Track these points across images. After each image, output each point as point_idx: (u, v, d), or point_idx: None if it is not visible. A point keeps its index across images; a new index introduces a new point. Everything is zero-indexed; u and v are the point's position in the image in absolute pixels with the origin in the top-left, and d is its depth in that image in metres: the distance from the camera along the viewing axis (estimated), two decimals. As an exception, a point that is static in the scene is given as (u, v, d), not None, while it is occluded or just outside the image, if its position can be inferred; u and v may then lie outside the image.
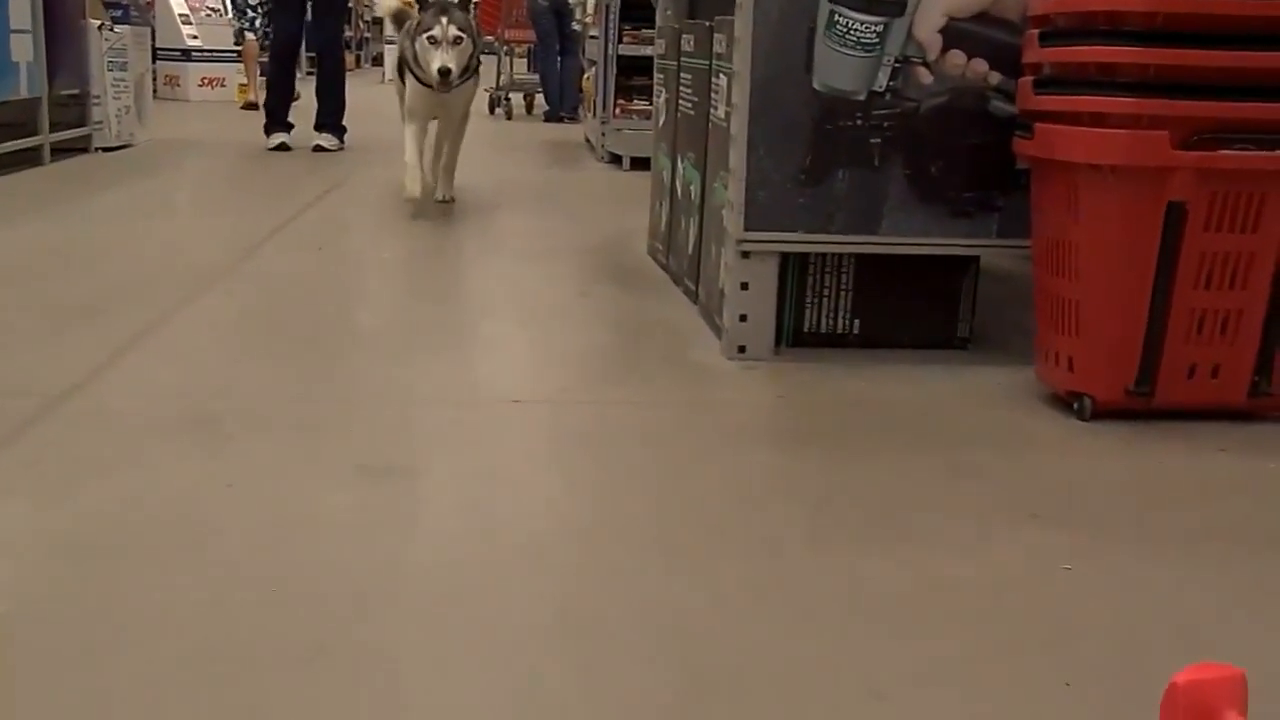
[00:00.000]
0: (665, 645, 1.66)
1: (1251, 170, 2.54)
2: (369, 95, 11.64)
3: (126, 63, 7.59)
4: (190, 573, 1.81)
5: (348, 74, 8.05)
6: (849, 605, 1.80)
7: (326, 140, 7.59)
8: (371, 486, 2.18)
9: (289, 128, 7.67)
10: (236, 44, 11.99)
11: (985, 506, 2.20)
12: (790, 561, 1.94)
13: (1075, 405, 2.71)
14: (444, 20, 4.82)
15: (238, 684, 1.51)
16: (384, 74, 17.62)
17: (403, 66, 5.22)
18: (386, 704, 1.49)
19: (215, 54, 12.75)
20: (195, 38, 12.77)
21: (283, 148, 7.56)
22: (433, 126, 5.39)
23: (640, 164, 6.23)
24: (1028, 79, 2.81)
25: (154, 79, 10.02)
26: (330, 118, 7.63)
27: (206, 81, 12.79)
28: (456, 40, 4.82)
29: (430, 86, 4.90)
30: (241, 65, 12.03)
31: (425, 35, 4.83)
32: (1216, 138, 2.53)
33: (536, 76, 12.32)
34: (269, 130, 7.63)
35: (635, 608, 1.77)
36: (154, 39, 10.16)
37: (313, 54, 9.12)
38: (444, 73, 4.78)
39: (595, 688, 1.55)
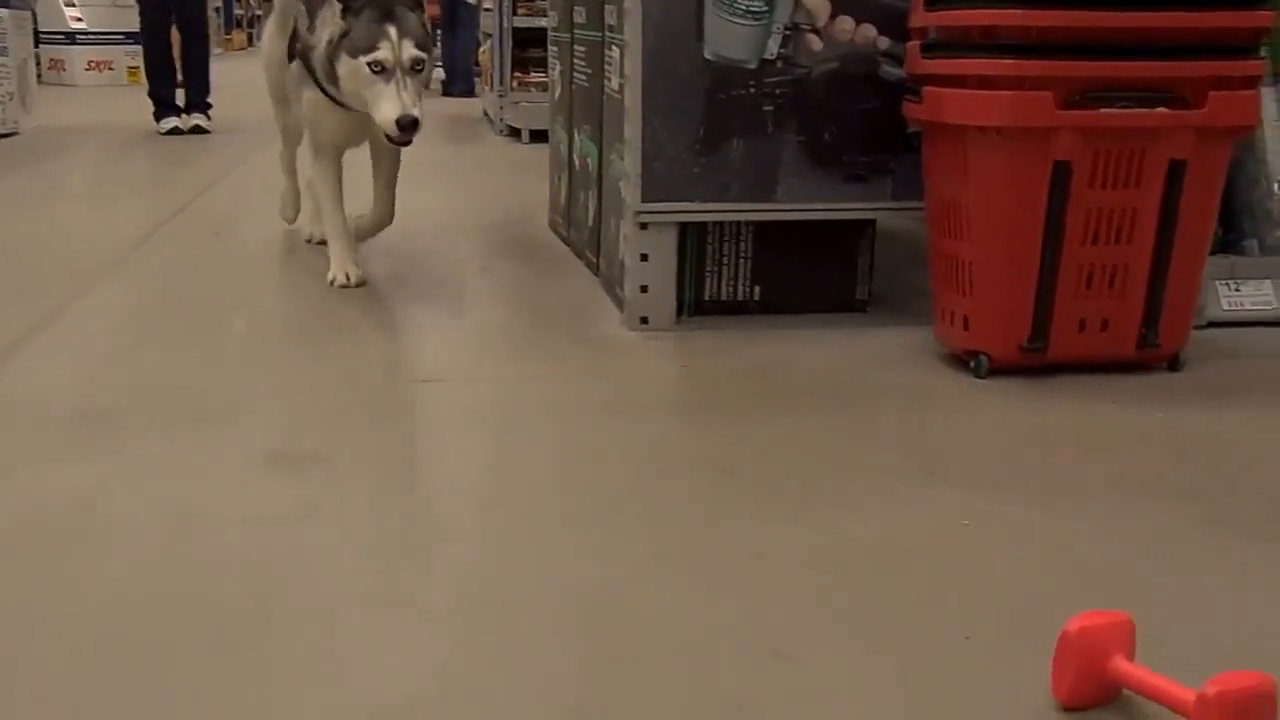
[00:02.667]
0: (572, 616, 1.68)
1: (1132, 128, 2.60)
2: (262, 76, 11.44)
3: (7, 48, 7.42)
4: (97, 571, 1.79)
5: (240, 54, 7.94)
6: (754, 570, 1.83)
7: (204, 121, 7.52)
8: (282, 474, 2.17)
9: (179, 111, 7.56)
10: None
11: (887, 467, 2.24)
12: (695, 529, 1.97)
13: (972, 363, 2.76)
14: (393, 31, 3.12)
15: (147, 682, 1.50)
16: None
17: (304, 63, 3.45)
18: (298, 694, 1.49)
19: (102, 36, 12.49)
20: (80, 20, 12.50)
21: (175, 132, 7.44)
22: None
23: (539, 137, 6.21)
24: (915, 43, 2.85)
25: (38, 64, 9.79)
26: (200, 96, 7.58)
27: (94, 65, 12.53)
28: (416, 66, 3.14)
29: (332, 99, 3.37)
30: (135, 48, 11.79)
31: (367, 59, 3.12)
32: (1098, 97, 2.58)
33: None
34: (159, 116, 7.51)
35: (543, 580, 1.79)
36: (36, 23, 9.92)
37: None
38: (407, 125, 3.11)
39: (505, 660, 1.56)
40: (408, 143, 3.20)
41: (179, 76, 7.57)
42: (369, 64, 3.12)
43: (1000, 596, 1.76)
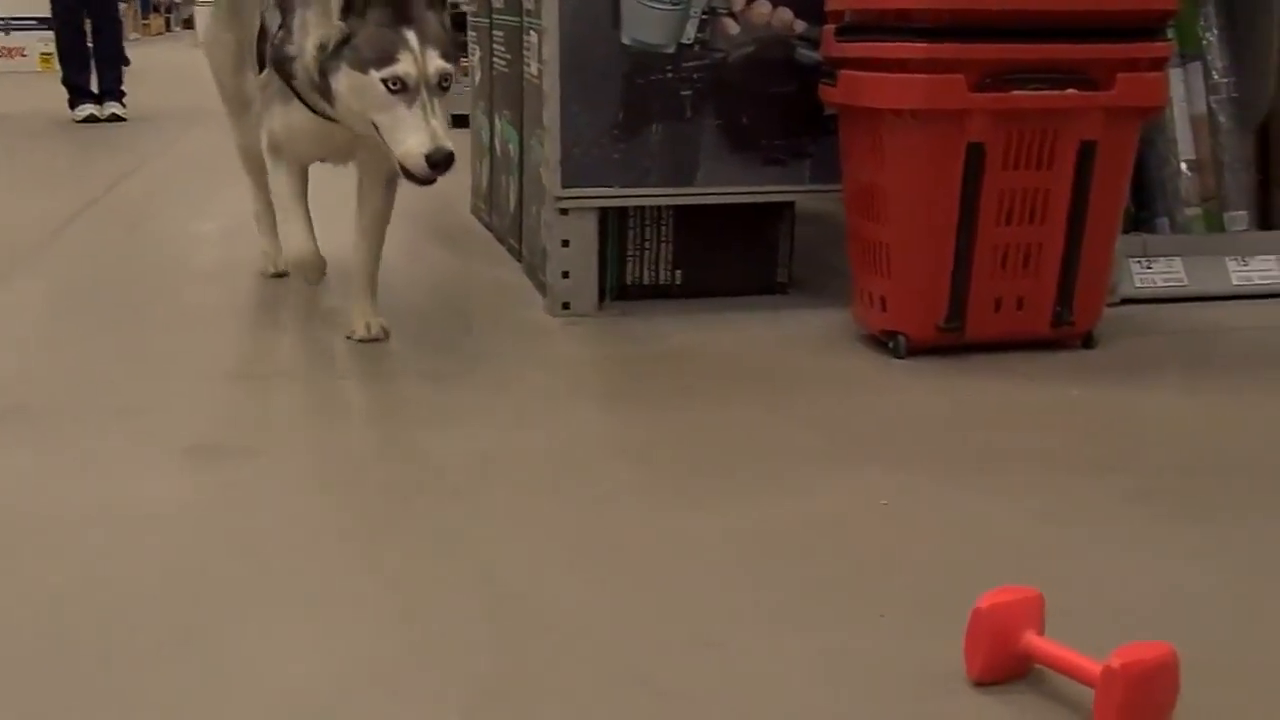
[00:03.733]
0: (492, 605, 1.69)
1: (1043, 109, 2.64)
2: (181, 62, 11.32)
3: (-84, 36, 7.28)
4: (12, 570, 1.78)
5: (158, 39, 7.86)
6: (674, 555, 1.84)
7: (119, 108, 7.44)
8: (203, 468, 2.16)
9: (95, 98, 7.45)
10: None
11: (806, 448, 2.26)
12: (618, 516, 1.98)
13: (890, 344, 2.79)
14: (413, 38, 2.43)
15: (67, 681, 1.49)
16: (197, 37, 17.16)
17: (280, 71, 2.70)
18: (221, 689, 1.48)
19: (14, 22, 12.25)
20: (-11, 6, 12.27)
21: (91, 119, 7.34)
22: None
23: (461, 122, 6.17)
24: (831, 27, 2.87)
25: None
26: (114, 84, 7.50)
27: (6, 52, 12.30)
28: (444, 82, 2.46)
29: (320, 114, 2.66)
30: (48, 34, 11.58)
31: (382, 75, 2.42)
32: (1010, 79, 2.62)
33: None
34: (74, 103, 7.41)
35: (459, 570, 1.79)
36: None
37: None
38: (440, 162, 2.41)
39: (425, 648, 1.57)
40: (433, 181, 2.45)
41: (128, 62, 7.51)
42: (385, 81, 2.40)
43: (916, 574, 1.78)
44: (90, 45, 7.45)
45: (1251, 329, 3.11)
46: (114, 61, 7.52)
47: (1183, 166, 3.42)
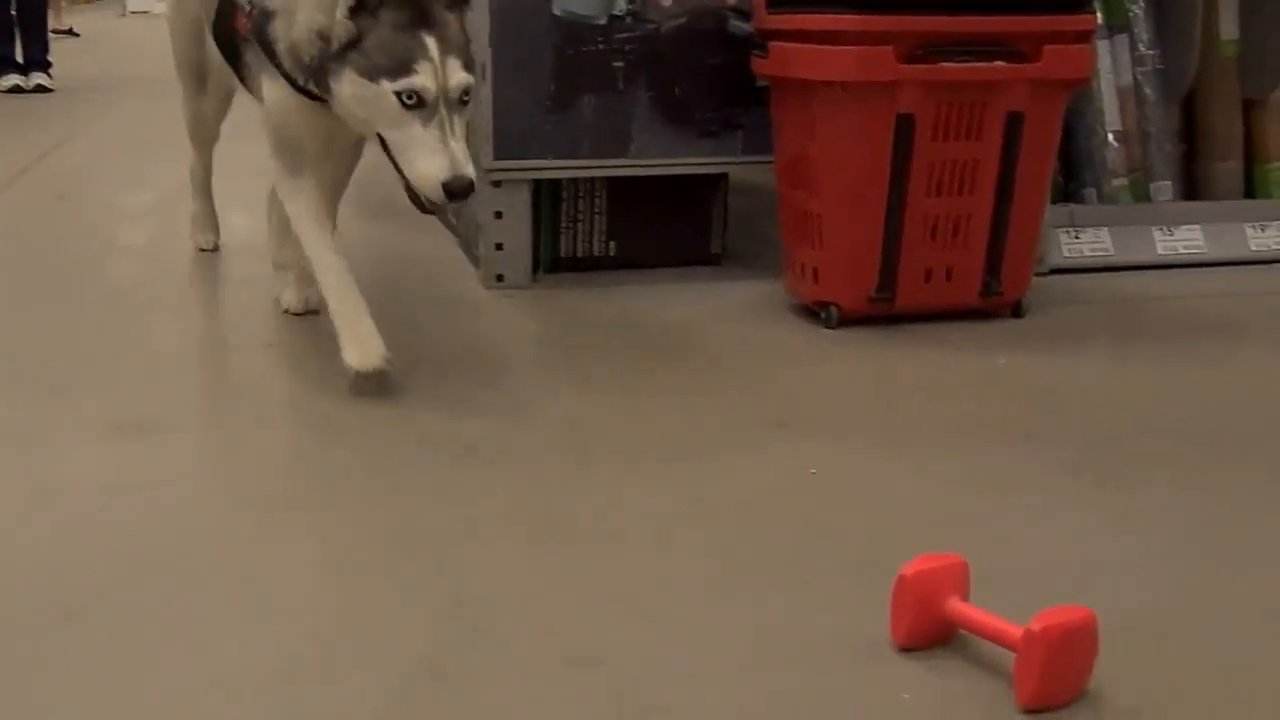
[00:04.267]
0: (424, 576, 1.69)
1: (972, 81, 2.66)
2: (112, 30, 11.15)
3: None
4: (-68, 546, 1.76)
5: (84, 8, 7.73)
6: (608, 529, 1.85)
7: (45, 79, 7.33)
8: (126, 443, 2.14)
9: (20, 68, 7.33)
10: None
11: (738, 418, 2.28)
12: (548, 488, 1.99)
13: (822, 315, 2.81)
14: (433, 45, 2.16)
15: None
16: (125, 6, 16.89)
17: (260, 38, 2.37)
18: (138, 667, 1.48)
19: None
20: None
21: (16, 90, 7.22)
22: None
23: (395, 93, 6.13)
24: (762, -1, 2.88)
25: None
26: (40, 54, 7.39)
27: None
28: (464, 97, 2.19)
29: (315, 97, 2.33)
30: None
31: (395, 87, 2.13)
32: (938, 51, 2.64)
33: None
34: (-1, 73, 7.29)
35: (395, 540, 1.79)
36: None
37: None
38: (459, 192, 2.15)
39: (360, 620, 1.57)
40: (439, 211, 2.38)
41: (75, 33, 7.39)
42: (400, 95, 2.13)
43: (844, 543, 1.80)
44: (14, 14, 7.32)
45: (1176, 298, 3.16)
46: (40, 31, 7.40)
47: (1110, 138, 3.47)
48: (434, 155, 2.12)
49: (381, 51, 2.15)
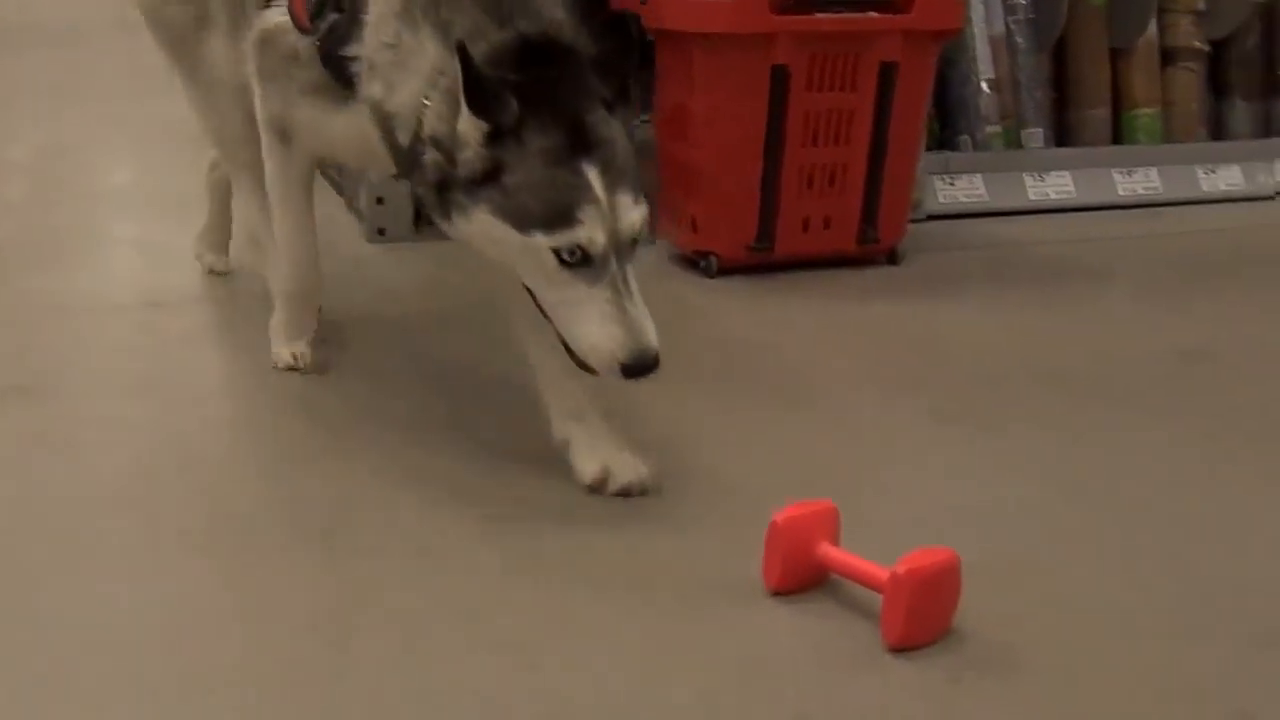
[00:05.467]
0: (310, 542, 1.69)
1: (845, 31, 2.70)
2: None
3: None
4: None
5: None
6: (483, 479, 1.86)
7: None
8: (8, 406, 2.10)
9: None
10: None
11: (618, 370, 2.29)
12: (433, 441, 1.99)
13: (702, 264, 2.84)
14: (595, 179, 1.63)
15: None
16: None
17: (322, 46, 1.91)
18: (33, 622, 1.47)
19: None
20: None
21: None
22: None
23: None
24: (638, -50, 2.88)
25: None
26: None
27: None
28: (639, 238, 1.69)
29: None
30: None
31: (554, 243, 1.62)
32: (812, 2, 2.67)
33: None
34: None
35: (281, 504, 1.79)
36: None
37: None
38: (642, 370, 1.66)
39: (245, 589, 1.58)
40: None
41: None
42: (559, 253, 1.64)
43: (720, 491, 1.83)
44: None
45: (1048, 243, 3.24)
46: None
47: (983, 86, 3.53)
48: (605, 324, 1.64)
49: (532, 194, 1.63)
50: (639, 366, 1.64)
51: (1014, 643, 1.46)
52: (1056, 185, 3.51)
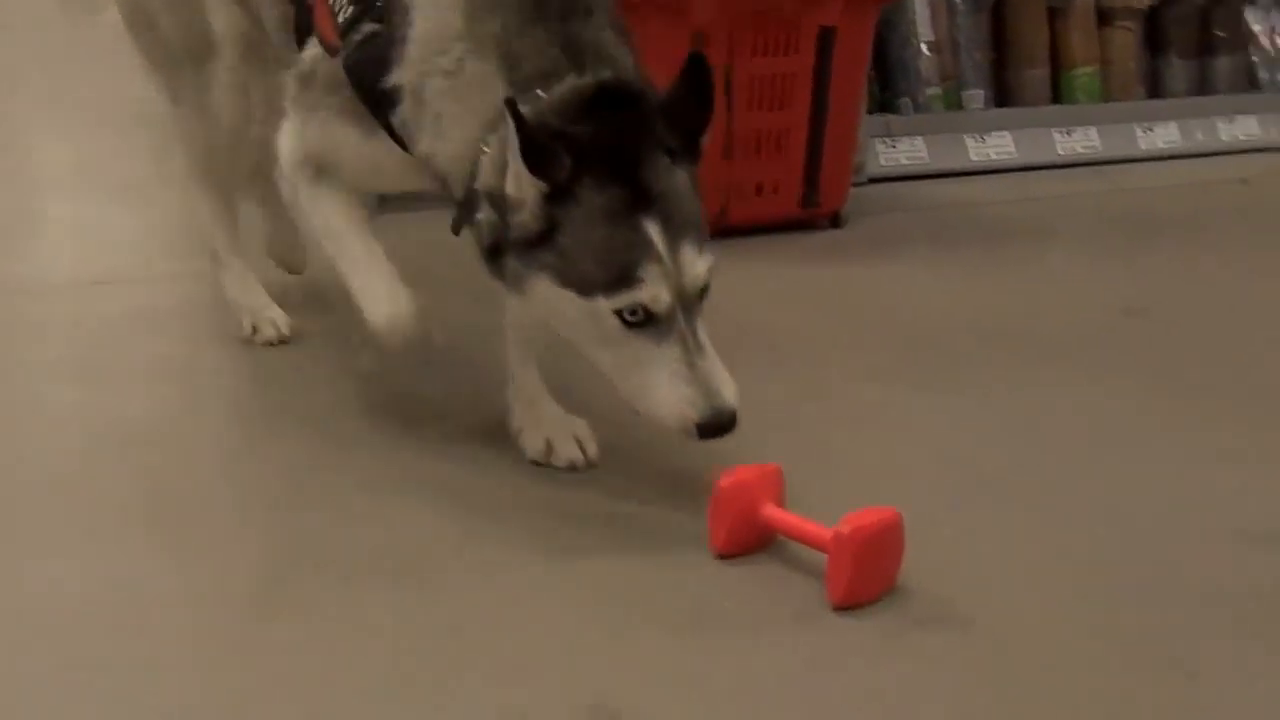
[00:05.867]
0: (255, 520, 1.69)
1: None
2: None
3: None
4: None
5: None
6: (404, 431, 1.88)
7: None
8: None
9: None
10: None
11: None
12: (376, 416, 1.99)
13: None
14: (656, 234, 1.53)
15: None
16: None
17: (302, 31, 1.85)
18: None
19: None
20: None
21: None
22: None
23: None
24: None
25: None
26: None
27: None
28: (706, 291, 1.61)
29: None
30: None
31: (615, 304, 1.54)
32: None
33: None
34: None
35: (224, 486, 1.79)
36: None
37: None
38: (718, 430, 1.56)
39: (191, 568, 1.57)
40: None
41: None
42: (622, 314, 1.55)
43: (666, 455, 1.82)
44: None
45: (989, 203, 3.27)
46: None
47: (923, 48, 3.54)
48: (676, 384, 1.56)
49: (589, 255, 1.54)
50: (714, 427, 1.55)
51: (956, 598, 1.48)
52: (997, 146, 3.54)
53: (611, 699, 1.30)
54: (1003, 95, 3.71)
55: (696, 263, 1.56)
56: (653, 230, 1.53)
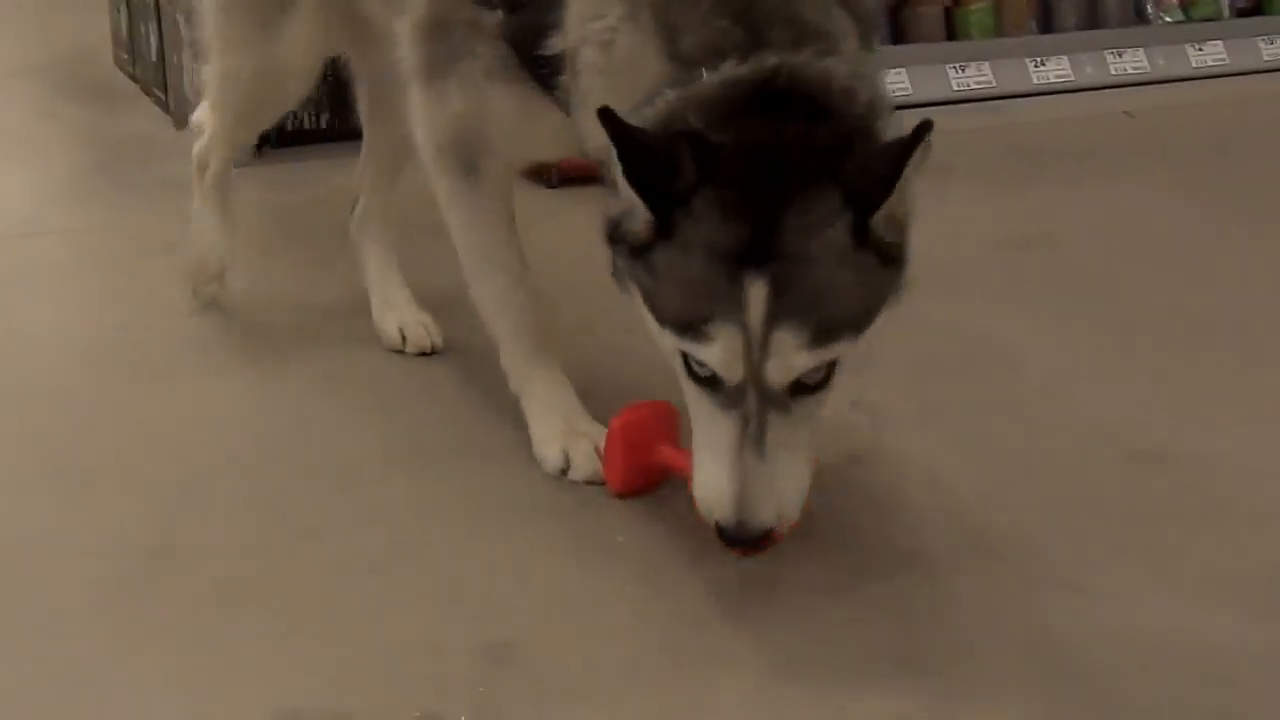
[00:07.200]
0: (152, 468, 1.69)
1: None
2: None
3: None
4: None
5: None
6: (327, 393, 1.90)
7: None
8: None
9: None
10: None
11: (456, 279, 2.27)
12: (272, 364, 1.99)
13: (546, 176, 2.84)
14: (756, 301, 1.27)
15: None
16: None
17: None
18: None
19: None
20: None
21: None
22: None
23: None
24: None
25: None
26: None
27: None
28: (804, 391, 1.34)
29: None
30: None
31: (682, 344, 1.34)
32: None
33: None
34: None
35: (120, 435, 1.78)
36: None
37: None
38: (739, 539, 1.34)
39: (81, 516, 1.57)
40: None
41: None
42: (689, 361, 1.35)
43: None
44: None
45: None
46: None
47: None
48: (717, 469, 1.33)
49: (675, 285, 1.33)
50: (733, 539, 1.33)
51: (846, 530, 1.51)
52: (893, 82, 3.56)
53: (510, 633, 1.32)
54: (897, 32, 3.73)
55: (791, 355, 1.27)
56: (753, 292, 1.25)
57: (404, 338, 2.01)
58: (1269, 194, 2.81)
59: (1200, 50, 3.97)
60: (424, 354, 2.01)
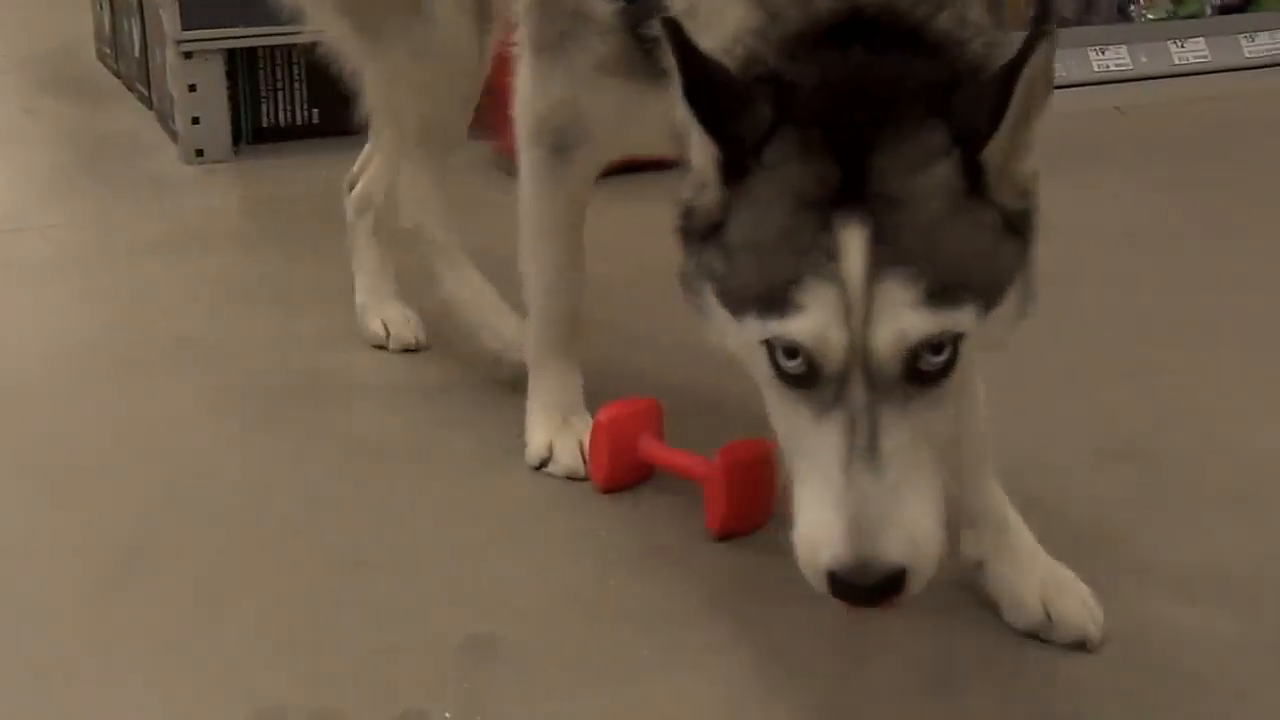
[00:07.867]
0: (132, 466, 1.68)
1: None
2: None
3: None
4: None
5: None
6: (313, 391, 1.88)
7: None
8: None
9: None
10: None
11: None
12: (253, 362, 1.99)
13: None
14: (856, 236, 1.03)
15: None
16: None
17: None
18: None
19: None
20: None
21: None
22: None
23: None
24: None
25: None
26: None
27: None
28: (924, 364, 1.06)
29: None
30: None
31: (765, 330, 1.08)
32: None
33: None
34: None
35: (101, 433, 1.77)
36: None
37: None
38: (858, 589, 1.04)
39: (61, 514, 1.56)
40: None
41: None
42: (774, 353, 1.10)
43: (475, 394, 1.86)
44: None
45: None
46: None
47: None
48: (818, 501, 1.06)
49: (748, 250, 1.11)
50: (849, 588, 1.04)
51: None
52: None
53: (495, 628, 1.32)
54: None
55: (903, 315, 1.03)
56: (848, 237, 1.04)
57: (388, 333, 1.99)
58: (1251, 190, 2.82)
59: (1182, 47, 3.98)
60: (408, 350, 1.98)
